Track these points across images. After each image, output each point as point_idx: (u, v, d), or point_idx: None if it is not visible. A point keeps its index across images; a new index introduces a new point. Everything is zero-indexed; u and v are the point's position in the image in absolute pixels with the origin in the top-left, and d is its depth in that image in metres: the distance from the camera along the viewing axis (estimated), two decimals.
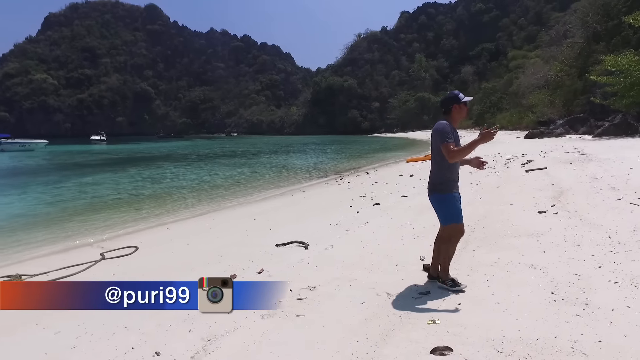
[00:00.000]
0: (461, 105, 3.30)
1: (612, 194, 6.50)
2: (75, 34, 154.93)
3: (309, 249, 5.16)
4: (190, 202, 12.21)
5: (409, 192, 9.38)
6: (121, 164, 27.70)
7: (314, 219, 7.28)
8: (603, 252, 3.71)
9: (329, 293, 3.41)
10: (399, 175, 14.05)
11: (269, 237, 6.24)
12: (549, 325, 2.45)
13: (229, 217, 9.17)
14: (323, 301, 3.26)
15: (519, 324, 2.50)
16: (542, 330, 2.40)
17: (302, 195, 11.79)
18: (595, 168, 10.03)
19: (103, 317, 3.07)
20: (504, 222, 5.34)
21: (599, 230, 4.46)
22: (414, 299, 3.07)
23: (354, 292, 3.35)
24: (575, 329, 2.37)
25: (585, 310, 2.59)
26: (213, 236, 7.10)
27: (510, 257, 3.87)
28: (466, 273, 3.53)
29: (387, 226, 5.80)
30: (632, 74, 19.39)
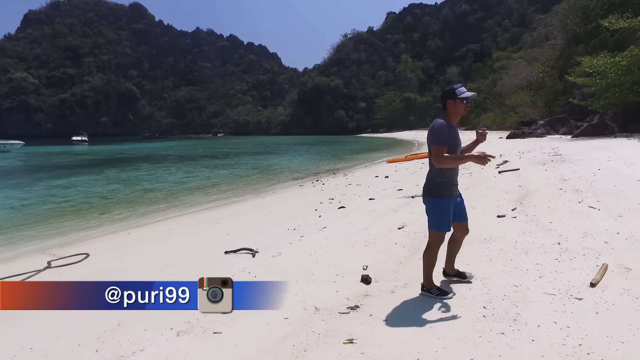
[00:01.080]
0: (456, 102, 3.01)
1: (574, 197, 6.43)
2: (57, 32, 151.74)
3: (257, 256, 4.96)
4: (161, 205, 11.91)
5: (379, 195, 9.24)
6: (99, 166, 27.11)
7: (274, 224, 7.08)
8: (548, 261, 3.59)
9: None
10: (375, 176, 13.94)
11: (224, 242, 6.04)
12: (469, 345, 2.29)
13: (193, 222, 8.91)
14: (246, 315, 3.05)
15: (438, 344, 2.33)
16: (460, 351, 2.24)
17: (274, 197, 11.58)
18: (566, 169, 10.03)
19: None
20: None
21: (551, 236, 4.34)
22: (340, 315, 2.89)
23: (283, 305, 3.16)
24: (495, 350, 2.22)
25: (512, 327, 2.44)
26: (169, 242, 6.86)
27: (456, 267, 3.71)
28: (403, 283, 3.36)
29: (343, 231, 5.62)
30: (608, 76, 19.62)
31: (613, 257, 3.49)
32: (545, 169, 10.41)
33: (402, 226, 5.50)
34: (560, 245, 4.01)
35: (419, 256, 4.11)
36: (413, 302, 2.97)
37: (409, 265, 3.86)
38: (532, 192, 7.36)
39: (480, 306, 2.79)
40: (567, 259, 3.58)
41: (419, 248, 4.40)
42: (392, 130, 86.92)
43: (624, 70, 19.01)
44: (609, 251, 3.67)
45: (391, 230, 5.36)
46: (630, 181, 7.24)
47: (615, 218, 4.85)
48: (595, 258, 3.51)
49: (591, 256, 3.58)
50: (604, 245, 3.86)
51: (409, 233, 5.12)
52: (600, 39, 30.50)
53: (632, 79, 18.87)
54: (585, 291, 2.86)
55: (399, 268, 3.80)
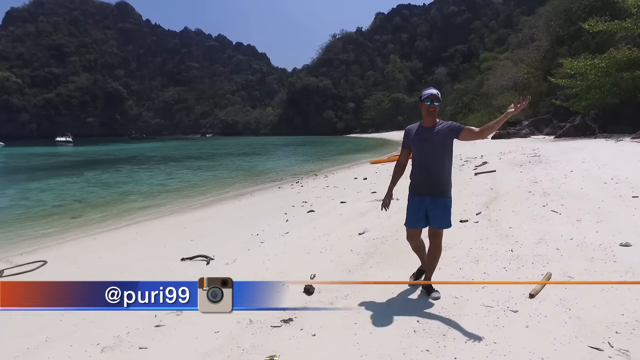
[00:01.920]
0: (421, 103, 3.12)
1: (540, 200, 6.42)
2: (41, 31, 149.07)
3: (212, 263, 4.84)
4: (135, 209, 11.69)
5: (352, 197, 9.16)
6: (80, 167, 26.65)
7: (240, 228, 6.95)
8: (495, 270, 3.52)
9: (192, 318, 3.09)
10: (354, 178, 13.86)
11: (185, 248, 5.89)
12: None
13: (162, 226, 8.73)
14: (179, 328, 2.94)
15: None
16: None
17: (250, 201, 11.43)
18: (540, 171, 10.07)
19: None
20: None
21: (506, 243, 4.29)
22: (271, 328, 2.78)
23: (218, 317, 3.04)
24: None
25: (438, 344, 2.35)
26: (132, 248, 6.68)
27: (401, 275, 3.64)
28: (345, 294, 3.26)
29: (303, 237, 5.52)
30: (589, 77, 19.85)
31: (560, 265, 3.44)
32: (521, 171, 10.44)
33: (364, 232, 5.41)
34: (512, 252, 3.95)
35: (370, 264, 4.03)
36: (349, 315, 2.87)
37: (357, 274, 3.76)
38: (502, 195, 7.34)
39: (414, 319, 2.70)
40: (515, 267, 3.51)
41: (372, 255, 4.32)
42: (381, 131, 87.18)
43: (604, 72, 19.26)
44: (558, 259, 3.61)
45: (351, 236, 5.26)
46: (597, 184, 7.26)
47: (573, 223, 4.82)
48: (543, 266, 3.46)
49: (539, 264, 3.52)
50: (555, 252, 3.81)
51: (368, 239, 5.03)
52: (582, 41, 30.85)
53: (611, 81, 19.12)
54: (523, 303, 2.79)
55: (346, 277, 3.70)
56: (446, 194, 3.10)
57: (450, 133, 3.05)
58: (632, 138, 15.77)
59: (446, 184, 3.11)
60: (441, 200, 3.07)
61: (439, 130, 3.07)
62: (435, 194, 3.07)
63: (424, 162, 3.10)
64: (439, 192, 3.07)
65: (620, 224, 4.53)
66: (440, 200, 3.07)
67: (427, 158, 3.09)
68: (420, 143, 3.09)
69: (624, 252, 3.59)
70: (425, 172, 3.09)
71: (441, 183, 3.08)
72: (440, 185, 3.08)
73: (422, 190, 3.10)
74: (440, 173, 3.08)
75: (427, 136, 3.07)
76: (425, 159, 3.10)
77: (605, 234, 4.22)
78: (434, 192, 3.07)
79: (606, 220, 4.75)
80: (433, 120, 3.11)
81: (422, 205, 3.09)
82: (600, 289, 2.88)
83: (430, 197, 3.07)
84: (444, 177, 3.10)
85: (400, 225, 5.66)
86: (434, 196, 3.07)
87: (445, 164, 3.10)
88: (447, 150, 3.10)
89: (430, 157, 3.08)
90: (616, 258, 3.47)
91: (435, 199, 3.07)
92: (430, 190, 3.08)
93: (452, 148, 3.14)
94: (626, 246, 3.75)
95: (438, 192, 3.07)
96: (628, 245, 3.75)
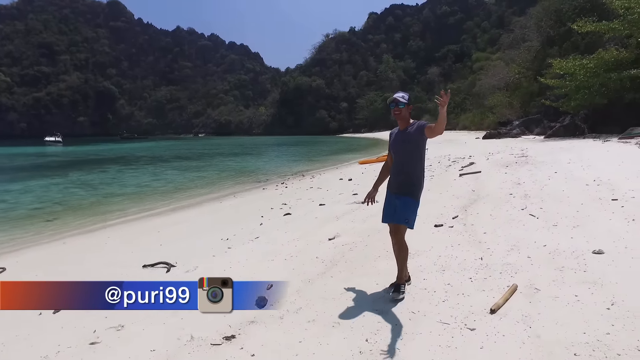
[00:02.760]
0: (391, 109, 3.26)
1: (520, 203, 6.25)
2: (30, 29, 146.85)
3: (172, 270, 4.61)
4: (114, 211, 11.39)
5: (332, 199, 8.95)
6: (65, 168, 26.19)
7: (212, 233, 6.72)
8: (460, 280, 3.32)
9: (131, 334, 2.87)
10: (339, 179, 13.68)
11: (153, 254, 5.67)
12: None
13: (135, 230, 8.48)
14: (114, 346, 2.72)
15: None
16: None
17: (230, 203, 11.18)
18: (525, 172, 9.92)
19: None
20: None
21: (478, 250, 4.10)
22: (210, 347, 2.56)
23: (160, 332, 2.82)
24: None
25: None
26: (99, 254, 6.41)
27: (364, 285, 3.43)
28: (297, 308, 3.04)
29: (272, 242, 5.30)
30: (577, 78, 19.83)
31: (528, 276, 3.24)
32: (505, 172, 10.28)
33: (334, 237, 5.19)
34: (482, 260, 3.75)
35: (332, 274, 3.82)
36: (296, 332, 2.65)
37: (316, 284, 3.55)
38: (482, 198, 7.17)
39: (363, 338, 2.49)
40: (482, 277, 3.31)
41: (337, 263, 4.10)
42: (374, 130, 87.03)
43: (592, 72, 19.25)
44: (527, 268, 3.42)
45: (321, 242, 5.05)
46: (579, 185, 7.11)
47: (549, 228, 4.64)
48: (510, 277, 3.26)
49: (507, 274, 3.33)
50: (526, 260, 3.62)
51: (337, 245, 4.82)
52: (572, 42, 30.93)
53: (599, 81, 19.10)
54: (482, 319, 2.59)
55: (303, 288, 3.48)
56: (411, 195, 3.17)
57: (418, 133, 3.12)
58: (619, 138, 15.75)
59: (414, 185, 3.18)
60: (404, 199, 3.16)
61: (410, 133, 3.16)
62: (401, 192, 3.18)
63: (397, 163, 3.23)
64: (404, 192, 3.17)
65: (595, 229, 4.36)
66: (403, 198, 3.17)
67: (399, 160, 3.21)
68: (395, 146, 3.24)
69: (595, 261, 3.40)
70: (396, 172, 3.23)
71: (410, 184, 3.17)
72: (409, 185, 3.17)
73: (392, 188, 3.25)
74: (410, 174, 3.17)
75: (400, 139, 3.20)
76: (398, 161, 3.22)
77: (580, 240, 4.04)
78: (400, 191, 3.19)
79: (582, 225, 4.58)
80: (405, 122, 3.20)
81: (393, 202, 3.22)
82: (565, 303, 2.69)
83: (396, 195, 3.20)
84: (412, 178, 3.18)
85: (373, 229, 5.47)
86: (399, 194, 3.20)
87: (415, 164, 3.19)
88: (418, 151, 3.17)
89: (402, 159, 3.19)
90: (587, 267, 3.29)
91: (400, 197, 3.18)
92: (398, 189, 3.20)
93: (423, 148, 3.20)
94: (599, 254, 3.57)
95: (404, 191, 3.17)
96: (600, 253, 3.56)
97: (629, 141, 14.45)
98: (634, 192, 5.85)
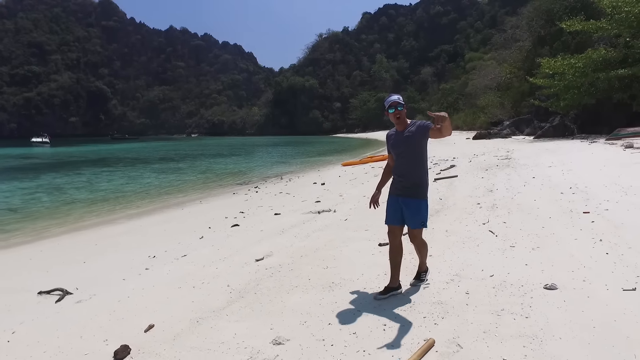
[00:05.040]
0: (387, 113, 3.16)
1: (484, 215, 5.60)
2: (20, 28, 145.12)
3: (64, 300, 3.93)
4: (66, 220, 10.69)
5: (291, 208, 8.27)
6: (40, 170, 25.36)
7: (145, 248, 6.07)
8: (370, 330, 2.63)
9: None
10: (313, 183, 13.07)
11: (65, 275, 5.04)
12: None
13: (72, 242, 7.81)
14: None
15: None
16: None
17: (190, 209, 10.51)
18: (502, 177, 9.34)
19: None
20: (330, 257, 4.27)
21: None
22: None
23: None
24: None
25: None
26: (16, 272, 5.72)
27: (253, 329, 2.73)
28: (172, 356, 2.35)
29: (195, 262, 4.61)
30: (566, 77, 19.37)
31: (457, 323, 2.56)
32: (482, 177, 9.69)
33: (263, 257, 4.50)
34: (410, 297, 3.08)
35: (230, 310, 3.13)
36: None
37: (204, 326, 2.84)
38: (447, 208, 6.51)
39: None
40: (398, 325, 2.63)
41: (244, 295, 3.41)
42: (367, 130, 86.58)
43: (581, 72, 18.77)
44: (459, 310, 2.74)
45: (246, 264, 4.35)
46: (553, 194, 6.48)
47: (505, 250, 3.98)
48: (434, 324, 2.58)
49: (431, 320, 2.64)
50: (462, 298, 2.94)
51: (261, 268, 4.13)
52: (563, 42, 30.49)
53: (588, 81, 18.63)
54: None
55: (191, 329, 2.80)
56: (418, 196, 3.11)
57: (421, 134, 3.03)
58: (606, 140, 15.26)
59: (419, 186, 3.12)
60: (412, 202, 3.10)
61: (411, 133, 3.07)
62: (407, 195, 3.11)
63: (399, 165, 3.16)
64: (411, 194, 3.10)
65: (556, 252, 3.70)
66: (411, 202, 3.09)
67: (401, 161, 3.15)
68: (397, 147, 3.15)
69: (544, 301, 2.73)
70: (399, 174, 3.17)
71: (414, 185, 3.10)
72: (413, 187, 3.10)
73: (396, 191, 3.17)
74: (413, 175, 3.11)
75: (401, 140, 3.12)
76: (400, 162, 3.16)
77: (534, 268, 3.38)
78: (406, 194, 3.12)
79: (543, 246, 3.92)
80: (404, 124, 3.13)
81: (397, 205, 3.15)
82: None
83: (402, 198, 3.12)
84: (417, 179, 3.12)
85: (311, 248, 4.79)
86: (405, 197, 3.11)
87: (419, 165, 3.12)
88: (421, 151, 3.10)
89: (405, 160, 3.13)
90: (531, 311, 2.61)
91: (406, 199, 3.10)
92: (403, 192, 3.13)
93: (425, 148, 3.12)
94: (551, 289, 2.90)
95: (410, 193, 3.10)
96: (553, 289, 2.90)
97: (615, 142, 13.95)
98: (608, 204, 5.22)
